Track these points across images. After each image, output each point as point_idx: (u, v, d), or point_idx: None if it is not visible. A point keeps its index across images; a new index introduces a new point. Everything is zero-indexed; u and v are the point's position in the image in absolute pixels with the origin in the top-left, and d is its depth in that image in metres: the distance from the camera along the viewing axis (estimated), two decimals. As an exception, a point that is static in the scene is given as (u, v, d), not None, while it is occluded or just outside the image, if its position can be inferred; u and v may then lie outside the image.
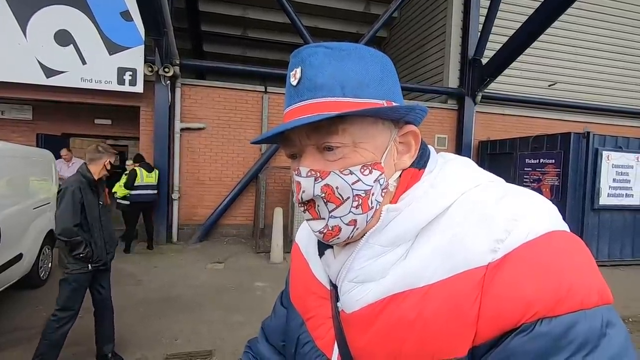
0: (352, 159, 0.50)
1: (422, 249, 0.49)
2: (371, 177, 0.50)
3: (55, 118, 7.75)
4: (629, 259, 6.48)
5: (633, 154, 6.36)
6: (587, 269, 0.42)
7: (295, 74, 0.51)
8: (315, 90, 0.49)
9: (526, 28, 6.47)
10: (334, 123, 0.48)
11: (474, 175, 0.53)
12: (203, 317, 3.73)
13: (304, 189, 0.51)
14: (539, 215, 0.45)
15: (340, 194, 0.50)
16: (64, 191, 2.52)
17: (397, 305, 0.48)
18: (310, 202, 0.53)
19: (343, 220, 0.51)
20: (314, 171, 0.51)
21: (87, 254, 2.53)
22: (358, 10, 10.60)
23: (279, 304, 0.79)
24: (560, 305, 0.39)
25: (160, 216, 6.77)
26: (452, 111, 8.42)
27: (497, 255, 0.42)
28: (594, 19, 9.05)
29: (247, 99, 7.38)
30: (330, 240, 0.53)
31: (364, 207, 0.51)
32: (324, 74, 0.49)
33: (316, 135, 0.50)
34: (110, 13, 6.32)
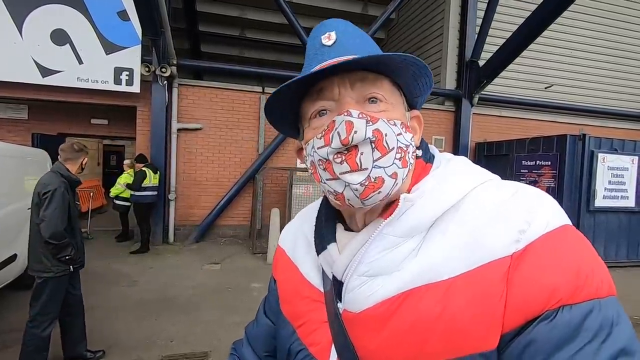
0: (393, 112, 0.51)
1: (440, 241, 0.48)
2: (409, 135, 0.52)
3: (51, 118, 7.72)
4: (625, 261, 6.52)
5: (628, 156, 6.40)
6: (598, 261, 0.44)
7: (329, 36, 0.53)
8: (355, 49, 0.51)
9: (522, 31, 6.50)
10: (378, 78, 0.51)
11: (480, 171, 0.55)
12: (199, 318, 3.72)
13: (356, 129, 0.47)
14: (552, 209, 0.47)
15: (387, 142, 0.48)
16: (53, 192, 2.39)
17: (417, 301, 0.46)
18: (352, 150, 0.48)
19: (386, 172, 0.48)
20: (364, 114, 0.49)
21: (73, 255, 2.48)
22: (356, 11, 10.62)
23: (262, 313, 0.75)
24: (580, 292, 0.41)
25: (156, 217, 6.74)
26: (449, 112, 8.44)
27: (520, 245, 0.43)
28: (589, 22, 9.12)
29: (244, 100, 7.37)
30: (369, 196, 0.48)
31: (404, 162, 0.50)
32: (356, 40, 0.53)
33: (361, 86, 0.51)
34: (107, 12, 6.30)
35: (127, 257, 5.86)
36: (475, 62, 7.93)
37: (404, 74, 0.53)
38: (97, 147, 11.19)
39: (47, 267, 2.43)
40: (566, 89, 9.13)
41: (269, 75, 7.92)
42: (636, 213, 6.53)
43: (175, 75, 6.74)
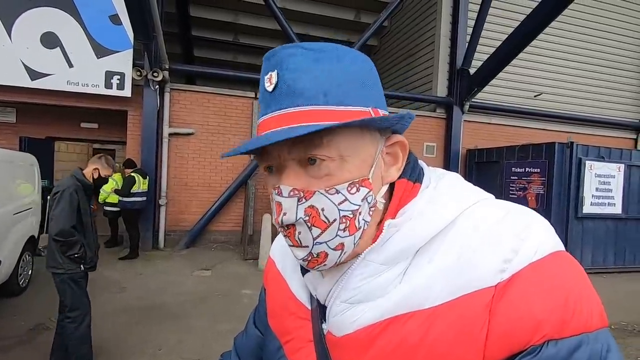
0: (338, 176, 0.45)
1: (426, 268, 0.46)
2: (359, 196, 0.46)
3: (39, 121, 7.60)
4: (612, 267, 6.62)
5: (615, 164, 6.53)
6: (589, 292, 0.42)
7: (270, 78, 0.46)
8: (294, 97, 0.44)
9: (512, 40, 6.63)
10: (318, 135, 0.43)
11: (470, 191, 0.51)
12: (188, 325, 3.66)
13: (285, 210, 0.45)
14: (543, 234, 0.44)
15: (326, 216, 0.45)
16: (62, 193, 2.54)
17: (399, 327, 0.45)
18: (291, 228, 0.46)
19: (329, 245, 0.46)
20: (297, 190, 0.45)
21: (81, 254, 2.57)
22: (349, 18, 10.72)
23: (252, 324, 0.74)
24: (566, 326, 0.39)
25: (146, 222, 6.66)
26: (440, 120, 8.54)
27: (505, 275, 0.41)
28: (577, 32, 9.34)
29: (237, 105, 7.36)
30: (315, 268, 0.48)
31: (351, 229, 0.46)
32: (303, 79, 0.44)
33: (298, 148, 0.44)
34: (98, 16, 6.26)
35: (116, 263, 5.76)
36: (466, 70, 8.05)
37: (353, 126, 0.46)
38: (87, 151, 11.04)
39: (59, 265, 2.55)
40: (554, 98, 9.31)
41: (262, 81, 7.90)
42: (623, 220, 6.65)
43: (167, 80, 6.71)
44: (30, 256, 4.65)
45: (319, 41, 0.49)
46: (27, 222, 4.63)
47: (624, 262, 6.72)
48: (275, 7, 7.33)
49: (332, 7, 10.40)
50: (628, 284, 6.01)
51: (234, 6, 10.25)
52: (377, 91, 0.50)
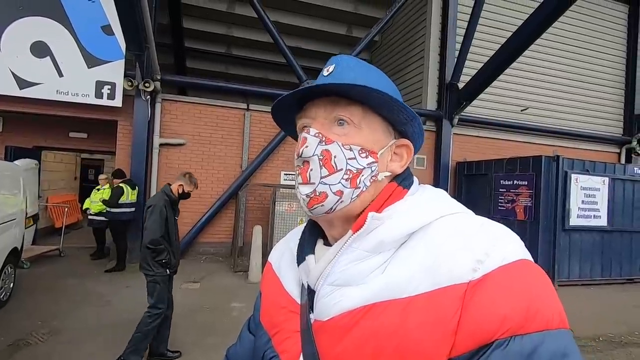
0: (355, 138, 0.57)
1: (406, 261, 0.51)
2: (366, 161, 0.56)
3: (26, 130, 7.48)
4: (599, 278, 6.70)
5: (599, 177, 6.68)
6: (551, 295, 0.47)
7: (328, 68, 0.60)
8: (340, 79, 0.57)
9: (500, 56, 6.81)
10: (350, 104, 0.57)
11: (451, 203, 0.58)
12: (175, 339, 3.57)
13: (307, 144, 0.56)
14: (513, 243, 0.50)
15: (336, 162, 0.55)
16: (154, 207, 2.96)
17: (378, 314, 0.49)
18: (305, 165, 0.57)
19: (331, 189, 0.55)
20: (321, 134, 0.57)
21: (168, 260, 2.99)
22: (340, 32, 10.91)
23: (246, 330, 0.78)
24: (530, 323, 0.43)
25: (134, 233, 6.54)
26: (430, 132, 8.66)
27: (477, 274, 0.46)
28: (562, 49, 9.63)
29: (228, 116, 7.36)
30: (313, 207, 0.56)
31: (352, 183, 0.56)
32: (353, 73, 0.58)
33: (332, 108, 0.57)
34: (90, 26, 6.25)
35: (101, 276, 5.63)
36: (455, 84, 8.22)
37: (374, 102, 0.57)
38: (75, 161, 10.89)
39: (149, 269, 2.99)
40: (541, 112, 9.54)
41: (253, 93, 7.96)
42: (608, 232, 6.76)
43: (159, 90, 6.70)
44: (12, 268, 4.51)
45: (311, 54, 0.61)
46: (10, 234, 4.51)
47: (610, 274, 6.81)
48: (268, 20, 7.42)
49: (324, 21, 10.59)
50: (615, 295, 6.09)
51: (227, 19, 10.37)
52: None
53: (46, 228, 8.18)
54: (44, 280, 5.19)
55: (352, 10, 10.18)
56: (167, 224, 3.00)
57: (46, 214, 8.23)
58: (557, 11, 5.54)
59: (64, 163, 9.92)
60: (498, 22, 8.83)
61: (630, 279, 6.96)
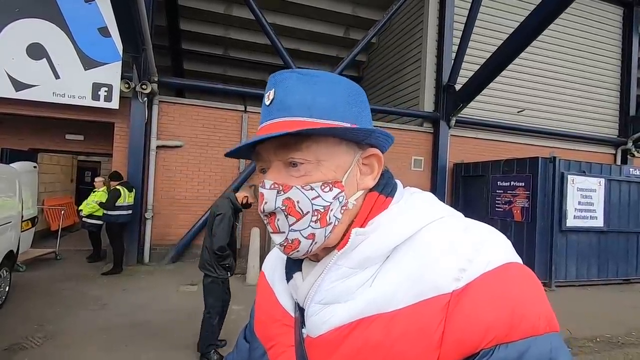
0: (313, 176, 0.53)
1: (391, 273, 0.51)
2: (331, 194, 0.53)
3: (22, 132, 7.45)
4: (595, 279, 6.73)
5: (595, 178, 6.71)
6: (537, 298, 0.46)
7: (269, 95, 0.56)
8: (285, 110, 0.54)
9: (496, 57, 6.84)
10: (300, 141, 0.52)
11: (437, 208, 0.57)
12: (173, 343, 3.55)
13: (266, 200, 0.54)
14: (496, 247, 0.49)
15: (301, 207, 0.53)
16: (224, 216, 3.19)
17: (364, 329, 0.49)
18: (272, 215, 0.55)
19: (302, 234, 0.53)
20: (277, 184, 0.54)
21: (231, 264, 3.26)
22: (338, 34, 10.93)
23: (242, 338, 0.78)
24: (514, 331, 0.42)
25: (131, 236, 6.51)
26: (427, 134, 8.68)
27: (460, 283, 0.46)
28: (559, 51, 9.70)
29: (226, 118, 7.35)
30: (290, 254, 0.55)
31: (322, 222, 0.53)
32: (293, 97, 0.54)
33: (283, 151, 0.54)
34: (87, 28, 6.23)
35: (98, 279, 5.59)
36: (452, 86, 8.25)
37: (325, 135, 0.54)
38: (72, 163, 10.83)
39: (213, 271, 3.23)
40: (537, 114, 9.59)
41: (251, 94, 7.96)
42: (605, 232, 6.79)
43: (156, 92, 6.68)
44: (7, 272, 4.47)
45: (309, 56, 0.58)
46: (6, 237, 4.48)
47: (607, 275, 6.83)
48: (266, 23, 7.43)
49: (321, 23, 10.60)
50: (611, 296, 6.11)
51: (224, 20, 10.36)
52: (363, 111, 0.58)
53: (42, 231, 8.13)
54: (40, 284, 5.15)
55: (349, 12, 10.21)
56: (232, 231, 3.26)
57: (42, 217, 8.18)
58: (553, 14, 5.58)
59: (60, 165, 9.87)
60: (495, 25, 8.88)
61: (626, 280, 6.99)
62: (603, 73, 10.32)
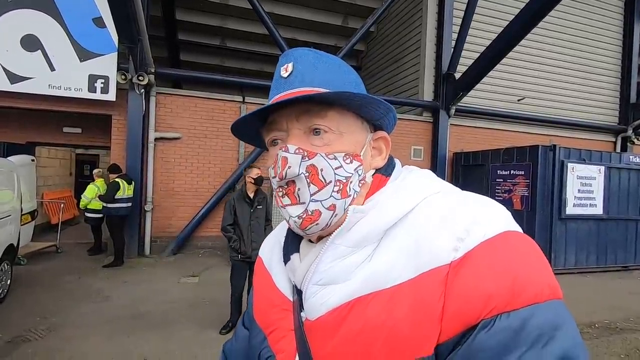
0: (336, 145, 0.53)
1: (388, 250, 0.50)
2: (352, 166, 0.53)
3: (19, 125, 7.40)
4: (594, 266, 6.77)
5: (595, 166, 6.70)
6: (539, 266, 0.44)
7: (287, 67, 0.55)
8: (305, 82, 0.53)
9: (496, 45, 6.77)
10: (324, 109, 0.52)
11: (434, 183, 0.56)
12: (174, 334, 3.58)
13: (290, 164, 0.51)
14: (495, 216, 0.48)
15: (324, 176, 0.51)
16: (227, 202, 3.64)
17: (364, 307, 0.48)
18: (291, 185, 0.53)
19: (324, 205, 0.51)
20: (302, 149, 0.52)
21: (234, 245, 3.51)
22: (336, 23, 10.80)
23: (241, 325, 0.77)
24: (516, 299, 0.41)
25: (131, 228, 6.52)
26: (427, 123, 8.64)
27: (459, 254, 0.44)
28: (558, 38, 9.60)
29: (224, 109, 7.30)
30: (307, 227, 0.52)
31: (343, 193, 0.52)
32: (314, 72, 0.54)
33: (306, 117, 0.52)
34: (81, 19, 6.14)
35: (99, 271, 5.61)
36: (452, 74, 8.18)
37: (349, 104, 0.54)
38: (70, 156, 10.79)
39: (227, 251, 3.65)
40: (537, 102, 9.54)
41: (249, 85, 7.89)
42: (604, 220, 6.82)
43: (153, 84, 6.61)
44: (8, 265, 4.48)
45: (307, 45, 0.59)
46: (6, 230, 4.48)
47: (606, 262, 6.88)
48: (263, 12, 7.33)
49: (319, 12, 10.46)
50: (610, 283, 6.16)
51: (221, 10, 10.21)
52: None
53: (42, 224, 8.13)
54: (41, 277, 5.17)
55: (347, 0, 10.06)
56: (235, 216, 3.54)
57: (42, 211, 8.17)
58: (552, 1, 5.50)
59: (59, 159, 9.83)
60: (494, 12, 8.77)
61: (625, 267, 7.04)
62: (603, 60, 10.24)
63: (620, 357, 3.49)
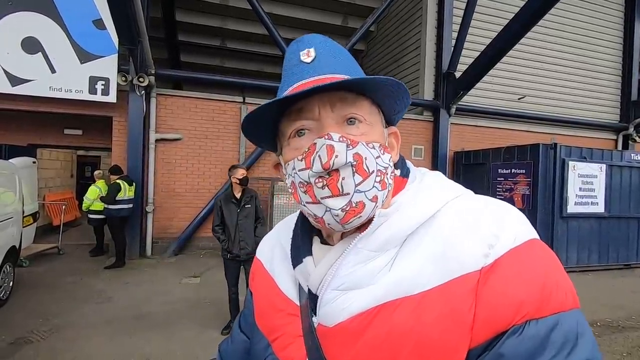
0: (371, 135, 0.51)
1: (413, 255, 0.48)
2: (387, 157, 0.52)
3: (21, 128, 7.43)
4: (596, 265, 6.76)
5: (596, 164, 6.68)
6: (562, 275, 0.46)
7: (308, 52, 0.52)
8: (332, 67, 0.51)
9: (496, 44, 6.76)
10: (358, 99, 0.51)
11: (452, 186, 0.56)
12: (176, 335, 3.59)
13: (337, 153, 0.47)
14: (519, 223, 0.48)
15: (368, 165, 0.49)
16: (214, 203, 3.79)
17: (390, 314, 0.46)
18: (334, 175, 0.48)
19: (367, 196, 0.49)
20: (345, 137, 0.49)
21: (222, 245, 3.56)
22: (336, 23, 10.80)
23: (237, 328, 0.74)
24: (545, 306, 0.42)
25: (133, 229, 6.53)
26: (428, 122, 8.63)
27: (489, 260, 0.44)
28: (559, 36, 9.57)
29: (225, 110, 7.31)
30: (350, 221, 0.49)
31: (383, 185, 0.50)
32: (337, 58, 0.53)
33: (341, 106, 0.50)
34: (82, 21, 6.15)
35: (101, 272, 5.63)
36: (452, 73, 8.16)
37: (383, 94, 0.53)
38: (71, 158, 10.81)
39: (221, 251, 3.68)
40: (537, 100, 9.51)
41: (250, 86, 7.89)
42: (606, 218, 6.80)
43: (154, 85, 6.62)
44: (11, 267, 4.50)
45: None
46: (8, 232, 4.49)
47: (608, 260, 6.86)
48: (263, 12, 7.33)
49: (319, 12, 10.46)
50: (612, 281, 6.14)
51: (220, 11, 10.22)
52: None
53: (44, 226, 8.15)
54: (43, 278, 5.19)
55: (347, 0, 10.06)
56: (222, 216, 3.58)
57: (44, 212, 8.19)
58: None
59: (60, 160, 9.85)
60: (494, 10, 8.75)
61: (627, 265, 7.02)
62: (604, 58, 10.20)
63: (622, 355, 3.49)
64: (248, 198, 3.67)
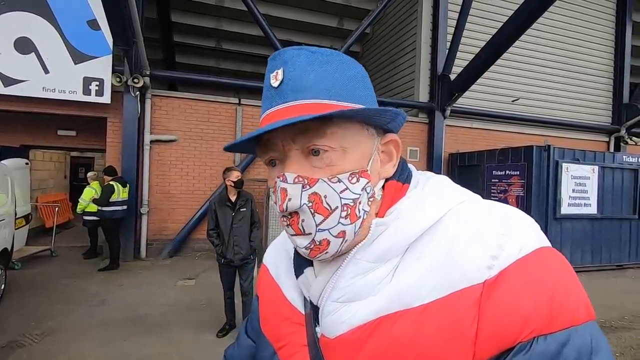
0: (339, 165, 0.47)
1: (415, 266, 0.47)
2: (359, 186, 0.48)
3: (13, 128, 7.34)
4: (589, 265, 6.82)
5: (589, 166, 6.76)
6: (575, 285, 0.43)
7: (276, 75, 0.48)
8: (299, 91, 0.47)
9: (490, 47, 6.82)
10: (323, 126, 0.46)
11: (457, 191, 0.53)
12: (171, 337, 3.56)
13: (290, 196, 0.46)
14: (526, 230, 0.46)
15: (329, 203, 0.47)
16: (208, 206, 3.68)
17: (391, 326, 0.45)
18: (294, 216, 0.48)
19: (331, 233, 0.47)
20: (301, 177, 0.47)
21: (217, 249, 3.51)
22: (331, 25, 10.82)
23: (244, 333, 0.74)
24: (554, 321, 0.39)
25: (127, 231, 6.48)
26: (423, 124, 8.68)
27: (493, 272, 0.42)
28: (551, 39, 9.68)
29: (220, 111, 7.29)
30: (317, 257, 0.49)
31: (352, 217, 0.48)
32: (308, 76, 0.47)
33: (303, 137, 0.47)
34: (76, 21, 6.11)
35: (95, 275, 5.57)
36: (447, 76, 8.22)
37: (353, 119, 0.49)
38: (64, 159, 10.71)
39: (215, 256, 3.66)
40: (531, 102, 9.61)
41: (245, 87, 7.88)
42: (598, 219, 6.87)
43: (148, 86, 6.59)
44: (2, 270, 4.44)
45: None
46: (0, 235, 4.44)
47: (601, 261, 6.93)
48: (258, 14, 7.33)
49: (315, 13, 10.48)
50: (605, 281, 6.21)
51: (216, 12, 10.21)
52: (372, 94, 0.53)
53: (37, 228, 8.07)
54: (36, 281, 5.13)
55: (343, 2, 10.09)
56: (217, 220, 3.50)
57: (37, 214, 8.11)
58: (546, 1, 5.55)
59: (53, 162, 9.76)
60: (489, 13, 8.83)
61: (619, 266, 7.10)
62: (596, 60, 10.33)
63: (616, 355, 3.52)
64: (243, 201, 3.58)
